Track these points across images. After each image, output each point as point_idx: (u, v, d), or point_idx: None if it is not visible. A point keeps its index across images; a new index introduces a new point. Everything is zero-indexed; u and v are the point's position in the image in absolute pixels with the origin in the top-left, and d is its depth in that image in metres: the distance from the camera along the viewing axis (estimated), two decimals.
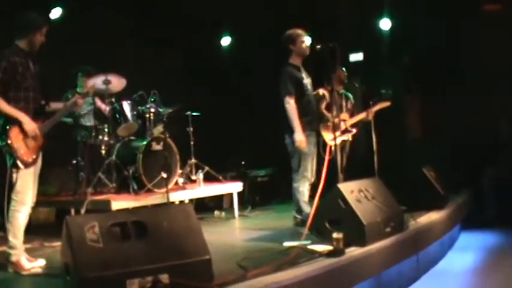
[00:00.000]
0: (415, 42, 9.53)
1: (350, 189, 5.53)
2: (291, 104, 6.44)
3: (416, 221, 6.32)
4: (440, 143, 9.06)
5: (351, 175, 7.36)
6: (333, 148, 6.83)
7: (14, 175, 5.04)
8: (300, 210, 6.50)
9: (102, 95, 7.73)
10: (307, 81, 6.69)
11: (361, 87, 8.83)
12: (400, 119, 10.04)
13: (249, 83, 10.25)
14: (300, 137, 6.38)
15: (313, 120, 6.69)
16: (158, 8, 9.70)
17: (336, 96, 7.56)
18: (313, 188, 6.36)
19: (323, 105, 7.51)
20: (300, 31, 6.65)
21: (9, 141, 4.95)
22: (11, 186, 5.12)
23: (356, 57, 10.46)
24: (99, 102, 7.81)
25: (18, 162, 4.98)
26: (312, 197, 6.27)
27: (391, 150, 7.87)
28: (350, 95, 8.18)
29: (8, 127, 4.97)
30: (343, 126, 7.68)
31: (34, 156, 5.11)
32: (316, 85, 6.95)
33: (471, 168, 9.05)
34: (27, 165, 5.04)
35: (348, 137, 7.85)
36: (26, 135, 5.02)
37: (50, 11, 8.59)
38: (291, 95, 6.45)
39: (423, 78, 9.60)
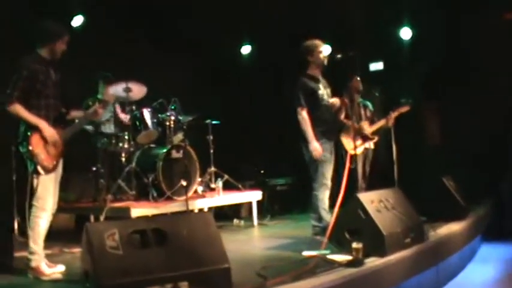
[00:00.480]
0: (435, 51, 9.49)
1: (370, 199, 5.51)
2: (302, 116, 6.48)
3: (436, 232, 6.27)
4: (460, 152, 8.98)
5: (370, 185, 7.34)
6: (356, 157, 6.84)
7: (35, 181, 5.11)
8: (319, 218, 6.47)
9: (123, 102, 7.77)
10: (323, 91, 6.68)
11: (381, 97, 8.81)
12: (420, 128, 9.99)
13: (269, 91, 10.25)
14: (314, 145, 6.40)
15: (328, 131, 6.66)
16: (178, 16, 9.74)
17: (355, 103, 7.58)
18: (333, 197, 6.35)
19: (342, 115, 7.52)
20: (317, 42, 6.64)
21: (30, 148, 5.02)
22: (32, 193, 5.18)
23: (376, 66, 10.43)
24: (119, 112, 7.83)
25: (39, 168, 5.05)
26: (331, 206, 6.25)
27: (410, 160, 7.83)
28: (368, 104, 8.18)
29: (29, 133, 5.04)
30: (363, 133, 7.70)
31: (54, 163, 5.17)
32: (334, 95, 6.93)
33: (491, 178, 8.96)
34: (47, 171, 5.10)
35: (369, 145, 7.86)
36: (46, 141, 5.09)
37: (71, 19, 8.66)
38: (302, 107, 6.49)
39: (442, 87, 9.55)
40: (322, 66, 6.68)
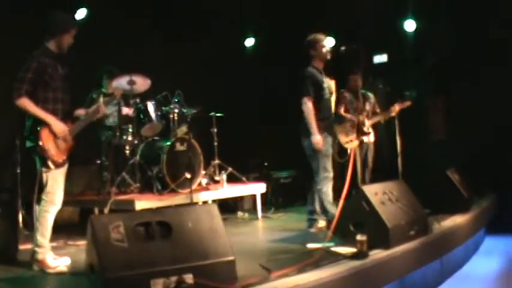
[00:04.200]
0: (440, 44, 9.46)
1: (374, 192, 5.50)
2: (307, 106, 6.38)
3: (440, 224, 6.27)
4: (464, 145, 8.96)
5: (374, 177, 7.33)
6: (349, 151, 6.83)
7: (44, 176, 5.09)
8: (325, 211, 6.45)
9: (127, 95, 7.76)
10: (326, 85, 6.65)
11: (385, 89, 8.80)
12: (424, 120, 9.97)
13: (273, 83, 10.24)
14: (316, 138, 6.33)
15: (330, 125, 6.65)
16: (181, 8, 9.72)
17: (356, 97, 7.59)
18: (336, 191, 6.34)
19: (342, 108, 7.54)
20: (320, 36, 6.59)
21: (40, 143, 4.99)
22: (41, 187, 5.17)
23: (380, 58, 10.41)
24: (123, 108, 7.80)
25: (49, 163, 5.03)
26: (335, 199, 6.25)
27: (415, 152, 7.82)
28: (370, 95, 8.16)
29: (38, 128, 5.00)
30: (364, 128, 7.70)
31: (64, 157, 5.16)
32: (337, 88, 6.92)
33: (496, 171, 8.94)
34: (58, 165, 5.09)
35: (368, 139, 7.84)
36: (55, 136, 5.07)
37: (75, 12, 8.65)
38: (309, 97, 6.40)
39: (447, 79, 9.52)
40: (325, 60, 6.65)
